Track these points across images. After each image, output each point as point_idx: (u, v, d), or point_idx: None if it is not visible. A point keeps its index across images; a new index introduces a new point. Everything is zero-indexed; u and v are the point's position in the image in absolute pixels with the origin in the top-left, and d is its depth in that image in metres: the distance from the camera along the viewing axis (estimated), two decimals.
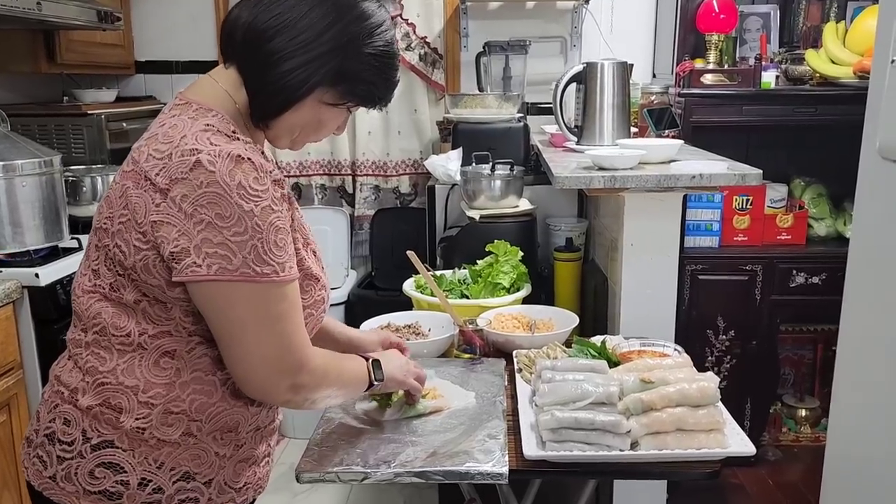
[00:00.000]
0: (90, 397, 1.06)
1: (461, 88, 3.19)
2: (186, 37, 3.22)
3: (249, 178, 0.99)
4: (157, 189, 1.00)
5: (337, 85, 1.08)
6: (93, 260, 1.10)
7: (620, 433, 1.24)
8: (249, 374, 1.04)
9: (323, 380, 1.12)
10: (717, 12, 2.61)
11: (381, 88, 1.13)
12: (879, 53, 0.70)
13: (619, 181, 1.79)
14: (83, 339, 1.09)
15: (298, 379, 1.07)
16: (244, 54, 1.08)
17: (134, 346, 1.06)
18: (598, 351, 1.59)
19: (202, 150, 0.99)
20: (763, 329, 2.73)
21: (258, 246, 0.99)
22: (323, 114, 1.12)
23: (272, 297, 1.02)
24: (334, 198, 3.37)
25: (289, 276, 1.04)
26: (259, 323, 1.02)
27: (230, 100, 1.09)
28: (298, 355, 1.06)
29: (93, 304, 1.08)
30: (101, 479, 1.05)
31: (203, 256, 0.98)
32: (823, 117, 2.57)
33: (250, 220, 0.98)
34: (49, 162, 2.12)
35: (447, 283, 2.08)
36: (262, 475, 1.19)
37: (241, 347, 1.03)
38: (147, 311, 1.06)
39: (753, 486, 2.72)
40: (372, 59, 1.08)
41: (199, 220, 0.98)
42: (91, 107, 2.76)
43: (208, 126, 1.04)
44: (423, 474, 1.21)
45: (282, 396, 1.07)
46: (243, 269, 0.99)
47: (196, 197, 0.98)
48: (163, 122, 1.08)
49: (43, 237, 2.11)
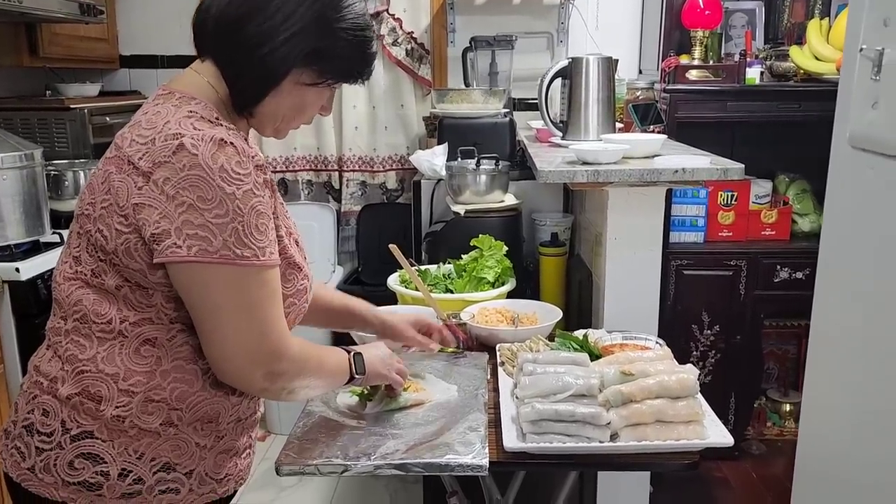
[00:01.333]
0: (69, 386, 1.05)
1: (448, 83, 3.19)
2: (171, 31, 3.20)
3: (232, 161, 1.00)
4: (139, 172, 1.00)
5: (312, 64, 1.09)
6: (74, 247, 1.10)
7: (600, 425, 1.25)
8: (226, 360, 1.04)
9: (301, 370, 1.11)
10: (702, 8, 2.62)
11: (357, 62, 1.13)
12: (850, 43, 0.70)
13: (603, 175, 1.79)
14: (63, 327, 1.09)
15: (275, 367, 1.06)
16: (218, 45, 1.09)
17: (114, 334, 1.05)
18: (581, 344, 1.60)
19: (185, 133, 1.00)
20: (747, 324, 2.74)
21: (239, 229, 0.99)
22: (304, 95, 1.12)
23: (251, 282, 1.02)
24: (321, 193, 3.36)
25: (269, 261, 1.03)
26: (237, 308, 1.01)
27: (212, 90, 1.09)
28: (276, 343, 1.05)
29: (74, 290, 1.08)
30: (81, 469, 1.04)
31: (184, 238, 0.98)
32: (807, 113, 2.59)
33: (232, 203, 0.98)
34: (30, 156, 2.10)
35: (432, 278, 2.08)
36: (243, 467, 1.19)
37: (219, 332, 1.03)
38: (128, 298, 1.05)
39: (737, 480, 2.73)
40: (344, 33, 1.09)
41: (181, 202, 0.98)
42: (74, 101, 2.74)
43: (191, 112, 1.04)
44: (404, 466, 1.21)
45: (257, 384, 1.07)
46: (223, 252, 0.99)
47: (178, 179, 0.98)
48: (146, 110, 1.09)
49: (24, 231, 2.09)
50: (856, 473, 0.72)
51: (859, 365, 0.74)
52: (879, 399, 0.66)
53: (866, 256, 0.73)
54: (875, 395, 0.67)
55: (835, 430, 0.80)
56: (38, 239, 2.15)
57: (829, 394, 0.84)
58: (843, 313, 0.80)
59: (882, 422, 0.64)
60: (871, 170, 0.66)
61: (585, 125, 2.25)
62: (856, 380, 0.74)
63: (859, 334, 0.76)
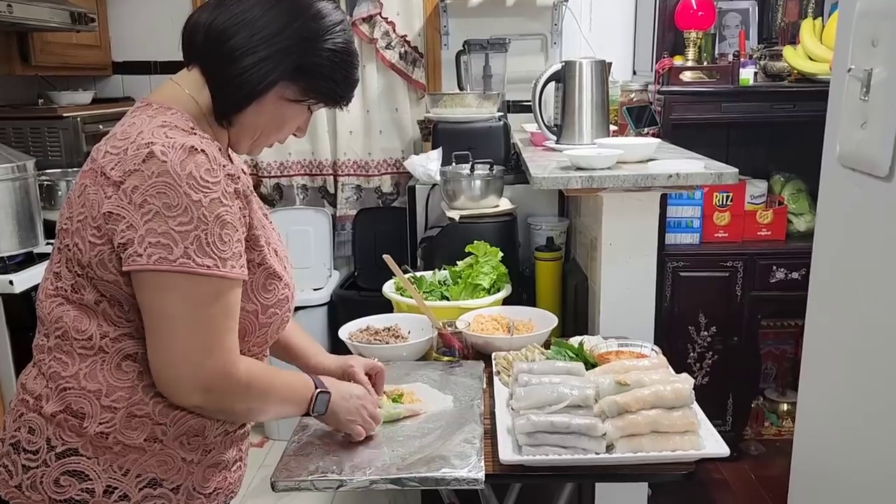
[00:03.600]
0: (53, 403, 1.05)
1: (442, 86, 3.18)
2: (164, 38, 3.19)
3: (201, 169, 1.00)
4: (110, 182, 1.00)
5: (298, 80, 1.10)
6: (55, 263, 1.10)
7: (596, 436, 1.24)
8: (165, 368, 1.02)
9: (243, 392, 1.07)
10: (695, 10, 2.62)
11: (340, 85, 1.15)
12: (838, 62, 0.70)
13: (597, 181, 1.79)
14: (46, 345, 1.09)
15: (215, 384, 1.03)
16: (206, 53, 1.10)
17: (95, 350, 1.05)
18: (576, 352, 1.59)
19: (156, 142, 1.00)
20: (744, 325, 2.74)
21: (202, 237, 0.99)
22: (285, 111, 1.13)
23: (207, 293, 1.00)
24: (316, 198, 3.35)
25: (230, 274, 1.02)
26: (188, 318, 1.00)
27: (192, 100, 1.10)
28: (221, 360, 1.03)
29: (55, 308, 1.07)
30: (67, 487, 1.04)
31: (145, 246, 0.98)
32: (801, 113, 2.59)
33: (197, 211, 0.98)
34: (23, 167, 2.10)
35: (427, 285, 2.08)
36: (233, 480, 1.19)
37: (165, 340, 1.01)
38: (107, 313, 1.05)
39: (736, 481, 2.74)
40: (331, 54, 1.11)
41: (148, 210, 0.98)
42: (66, 109, 2.73)
43: (165, 122, 1.05)
44: (399, 481, 1.21)
45: (189, 398, 1.04)
46: (182, 260, 0.98)
47: (146, 187, 0.98)
48: (123, 122, 1.09)
49: (17, 243, 2.09)
50: (852, 476, 0.72)
51: (850, 387, 0.74)
52: (874, 404, 0.66)
53: (856, 275, 0.72)
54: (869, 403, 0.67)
55: (830, 434, 0.79)
56: (31, 250, 2.15)
57: (824, 407, 0.84)
58: (836, 331, 0.79)
59: (878, 424, 0.64)
60: (859, 189, 0.65)
61: (579, 129, 2.25)
62: (848, 401, 0.74)
63: (850, 350, 0.75)
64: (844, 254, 0.75)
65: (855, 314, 0.73)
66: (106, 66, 3.16)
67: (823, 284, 0.80)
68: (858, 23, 0.65)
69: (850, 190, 0.67)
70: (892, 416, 0.65)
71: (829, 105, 0.75)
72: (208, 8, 1.10)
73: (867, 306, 0.70)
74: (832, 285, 0.78)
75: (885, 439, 0.66)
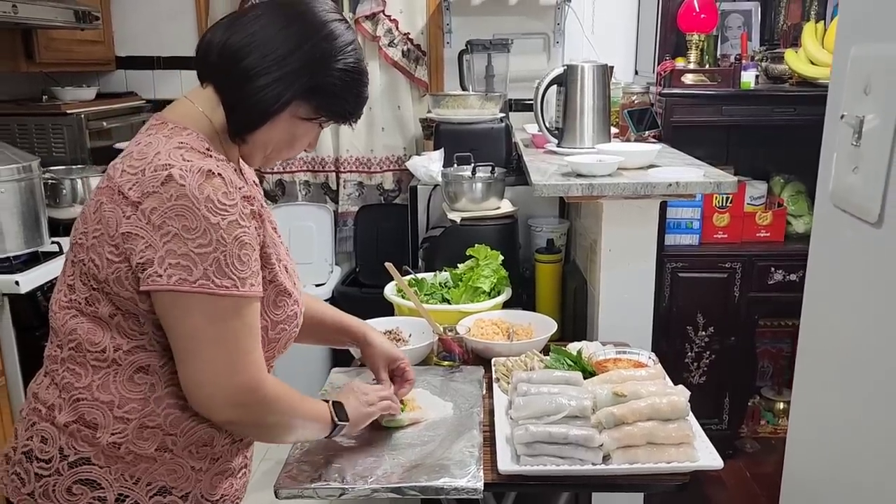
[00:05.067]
0: (66, 413, 1.08)
1: (445, 85, 3.19)
2: (167, 32, 3.20)
3: (219, 192, 1.02)
4: (129, 202, 1.02)
5: (311, 99, 1.12)
6: (68, 276, 1.12)
7: (592, 447, 1.27)
8: (197, 387, 1.05)
9: (271, 408, 1.10)
10: (697, 12, 2.62)
11: (350, 103, 1.17)
12: (832, 106, 0.71)
13: (597, 189, 1.80)
14: (59, 355, 1.11)
15: (244, 399, 1.06)
16: (221, 72, 1.11)
17: (108, 362, 1.08)
18: (575, 360, 1.62)
19: (174, 165, 1.02)
20: (741, 325, 2.77)
21: (221, 259, 1.01)
22: (297, 128, 1.15)
23: (228, 313, 1.03)
24: (318, 194, 3.37)
25: (249, 293, 1.04)
26: (212, 338, 1.02)
27: (206, 119, 1.12)
28: (248, 376, 1.06)
29: (69, 319, 1.10)
30: (79, 495, 1.07)
31: (165, 267, 0.99)
32: (802, 117, 2.60)
33: (215, 233, 1.00)
34: (28, 167, 2.11)
35: (428, 287, 2.10)
36: (238, 486, 1.22)
37: (192, 360, 1.04)
38: (121, 326, 1.07)
39: (731, 478, 2.77)
40: (343, 74, 1.12)
41: (166, 231, 1.00)
42: (71, 105, 2.75)
43: (182, 144, 1.06)
44: (399, 490, 1.24)
45: (224, 415, 1.07)
46: (202, 281, 1.00)
47: (165, 209, 1.00)
48: (139, 140, 1.10)
49: (23, 243, 2.11)
50: (845, 481, 0.74)
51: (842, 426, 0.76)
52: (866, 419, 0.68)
53: (845, 313, 0.75)
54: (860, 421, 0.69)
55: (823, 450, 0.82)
56: (37, 250, 2.16)
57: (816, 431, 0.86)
58: (827, 376, 0.82)
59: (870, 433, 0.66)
60: (849, 230, 0.67)
61: (581, 132, 2.27)
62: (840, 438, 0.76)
63: (840, 386, 0.77)
64: (833, 290, 0.77)
65: (842, 348, 0.75)
66: (109, 61, 3.17)
67: (815, 323, 0.82)
68: (853, 68, 0.66)
69: (841, 230, 0.69)
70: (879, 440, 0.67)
71: (823, 142, 0.77)
72: (221, 27, 1.11)
73: (853, 341, 0.72)
74: (823, 323, 0.80)
75: (875, 454, 0.68)
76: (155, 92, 3.26)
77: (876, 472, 0.69)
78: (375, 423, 1.40)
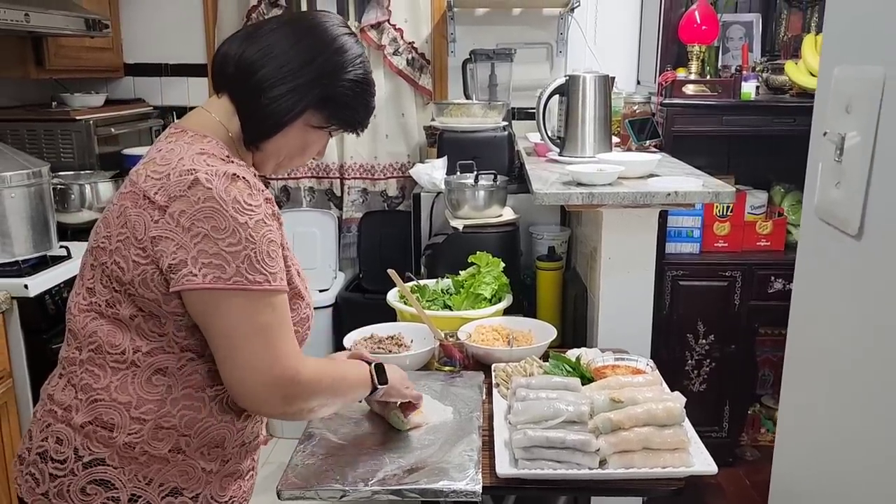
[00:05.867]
0: (83, 414, 1.10)
1: (448, 93, 3.23)
2: (175, 40, 3.24)
3: (244, 193, 1.06)
4: (155, 206, 1.06)
5: (323, 109, 1.18)
6: (87, 279, 1.15)
7: (589, 452, 1.29)
8: (242, 385, 1.08)
9: (315, 390, 1.15)
10: (698, 23, 2.65)
11: (360, 112, 1.23)
12: (817, 122, 0.74)
13: (597, 198, 1.83)
14: (78, 357, 1.14)
15: (289, 389, 1.10)
16: (236, 84, 1.17)
17: (128, 364, 1.10)
18: (573, 366, 1.64)
19: (199, 169, 1.06)
20: (742, 333, 2.79)
21: (251, 256, 1.05)
22: (309, 136, 1.21)
23: (262, 307, 1.07)
24: (322, 200, 3.40)
25: (280, 286, 1.09)
26: (249, 332, 1.06)
27: (223, 128, 1.17)
28: (288, 366, 1.09)
29: (88, 322, 1.13)
30: (93, 495, 1.09)
31: (199, 266, 1.03)
32: (802, 128, 2.60)
33: (244, 232, 1.04)
34: (38, 173, 2.15)
35: (430, 293, 2.13)
36: (246, 489, 1.24)
37: (232, 357, 1.07)
38: (141, 327, 1.10)
39: (730, 486, 2.79)
40: (353, 84, 1.19)
41: (196, 233, 1.03)
42: (79, 112, 2.78)
43: (203, 150, 1.11)
44: (400, 493, 1.26)
45: (276, 408, 1.11)
46: (236, 278, 1.04)
47: (194, 212, 1.04)
48: (160, 147, 1.15)
49: (31, 247, 2.14)
50: (831, 485, 0.76)
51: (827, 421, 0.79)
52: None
53: (829, 321, 0.77)
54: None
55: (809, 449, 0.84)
56: (45, 254, 2.19)
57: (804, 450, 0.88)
58: (810, 371, 0.84)
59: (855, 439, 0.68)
60: (833, 242, 0.70)
61: (582, 142, 2.29)
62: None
63: (825, 391, 0.80)
64: (817, 299, 0.79)
65: (826, 355, 0.77)
66: (118, 68, 3.21)
67: (801, 328, 0.85)
68: (836, 88, 0.69)
69: (825, 242, 0.71)
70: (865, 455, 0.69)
71: (808, 157, 0.79)
72: (237, 40, 1.17)
73: (837, 348, 0.74)
74: (809, 331, 0.83)
75: (860, 460, 0.70)
76: (162, 99, 3.30)
77: (860, 477, 0.71)
78: (379, 425, 1.44)
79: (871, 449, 0.68)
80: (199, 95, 3.20)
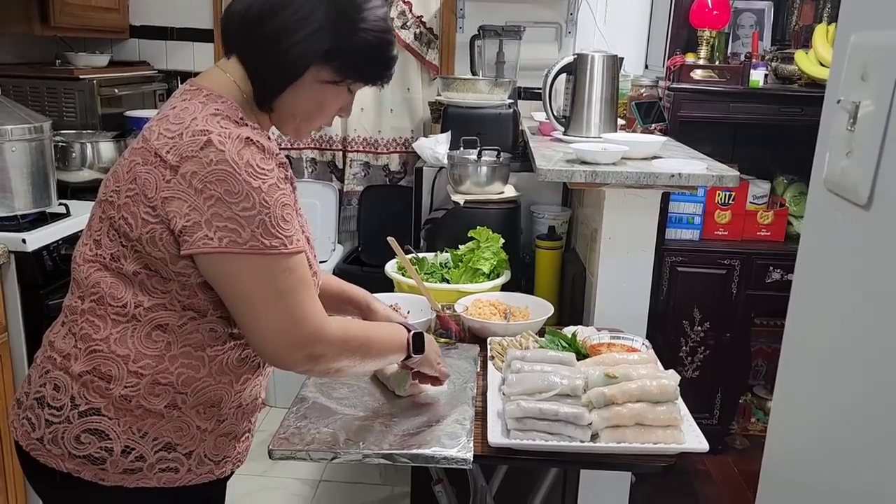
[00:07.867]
0: (82, 363, 1.10)
1: (455, 69, 3.20)
2: (182, 3, 3.20)
3: (257, 157, 1.04)
4: (167, 165, 1.05)
5: (332, 61, 1.12)
6: (95, 230, 1.14)
7: (582, 425, 1.29)
8: (266, 345, 1.09)
9: (342, 350, 1.15)
10: (710, 8, 2.63)
11: (376, 64, 1.17)
12: (830, 90, 0.73)
13: (600, 176, 1.82)
14: (80, 307, 1.13)
15: (314, 350, 1.10)
16: (243, 39, 1.14)
17: (129, 317, 1.10)
18: (569, 342, 1.64)
19: (213, 131, 1.04)
20: (737, 322, 2.79)
21: (266, 220, 1.04)
22: (323, 93, 1.15)
23: (280, 270, 1.06)
24: (324, 172, 3.39)
25: (296, 248, 1.08)
26: (269, 296, 1.06)
27: (238, 89, 1.14)
28: (311, 327, 1.09)
29: (92, 273, 1.12)
30: (87, 444, 1.10)
31: (214, 230, 1.02)
32: (809, 118, 2.61)
33: (258, 196, 1.03)
34: (39, 128, 2.13)
35: (429, 266, 2.12)
36: (241, 450, 1.25)
37: (255, 321, 1.07)
38: (144, 283, 1.10)
39: (719, 473, 2.81)
40: (364, 33, 1.12)
41: (209, 195, 1.02)
42: (83, 71, 2.76)
43: (217, 111, 1.09)
44: (391, 456, 1.27)
45: (300, 366, 1.12)
46: (252, 243, 1.03)
47: (206, 174, 1.02)
48: (174, 104, 1.13)
49: (31, 202, 2.13)
50: (823, 482, 0.77)
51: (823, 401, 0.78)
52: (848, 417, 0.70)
53: (833, 293, 0.77)
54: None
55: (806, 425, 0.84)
56: (44, 210, 2.18)
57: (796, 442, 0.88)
58: (808, 345, 0.84)
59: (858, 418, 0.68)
60: (839, 213, 0.69)
61: (587, 122, 2.28)
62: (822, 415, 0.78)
63: (824, 371, 0.80)
64: (822, 271, 0.79)
65: (829, 334, 0.77)
66: (123, 29, 3.18)
67: (802, 299, 0.85)
68: (851, 55, 0.68)
69: (831, 213, 0.71)
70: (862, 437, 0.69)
71: (820, 128, 0.79)
72: None
73: (840, 326, 0.74)
74: (810, 301, 0.83)
75: (862, 442, 0.70)
76: (167, 62, 3.27)
77: (857, 459, 0.71)
78: (373, 390, 1.45)
79: (870, 428, 0.68)
80: (204, 61, 3.17)
